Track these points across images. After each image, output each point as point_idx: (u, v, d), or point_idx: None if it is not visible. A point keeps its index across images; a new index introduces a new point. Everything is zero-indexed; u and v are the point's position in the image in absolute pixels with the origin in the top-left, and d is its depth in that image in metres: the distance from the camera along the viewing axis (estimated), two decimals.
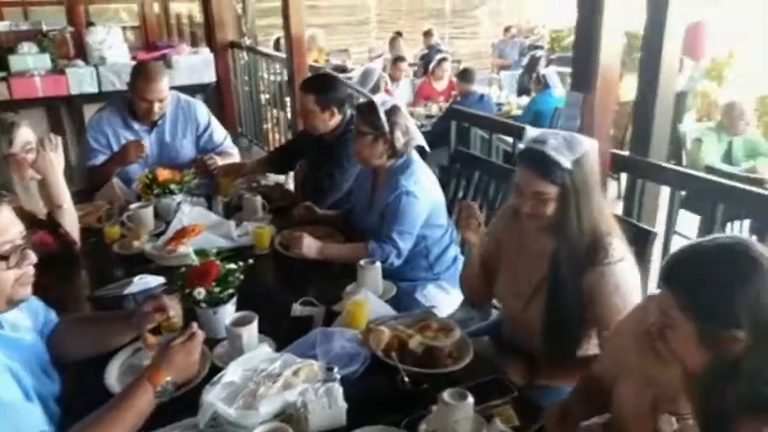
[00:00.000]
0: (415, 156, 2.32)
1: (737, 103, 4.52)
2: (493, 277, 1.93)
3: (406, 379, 1.53)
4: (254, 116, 5.89)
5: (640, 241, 1.92)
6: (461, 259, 2.41)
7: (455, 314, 2.37)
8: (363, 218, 2.39)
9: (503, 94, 6.70)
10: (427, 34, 8.56)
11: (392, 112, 2.24)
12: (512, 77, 7.52)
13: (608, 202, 1.75)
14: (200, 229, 2.03)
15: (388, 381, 1.56)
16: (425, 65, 6.97)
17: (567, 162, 1.61)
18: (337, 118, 2.66)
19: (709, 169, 3.92)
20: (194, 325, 1.48)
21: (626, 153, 2.51)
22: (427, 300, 2.35)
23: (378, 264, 1.97)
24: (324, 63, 7.50)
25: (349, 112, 2.70)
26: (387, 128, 2.21)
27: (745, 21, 8.61)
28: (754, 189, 2.10)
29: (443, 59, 6.27)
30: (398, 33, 8.82)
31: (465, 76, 5.35)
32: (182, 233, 2.03)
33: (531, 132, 1.73)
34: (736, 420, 1.06)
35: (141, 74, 2.75)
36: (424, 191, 2.24)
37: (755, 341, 1.02)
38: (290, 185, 3.56)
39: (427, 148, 2.35)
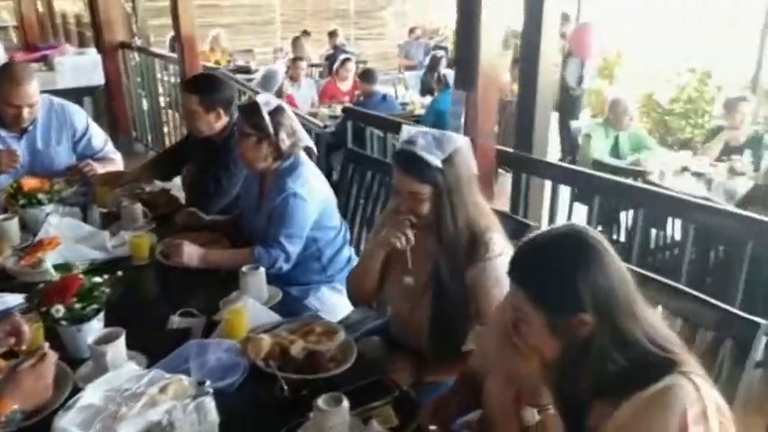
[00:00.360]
0: (303, 157, 2.27)
1: (622, 99, 4.76)
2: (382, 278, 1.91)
3: (285, 387, 1.49)
4: (151, 120, 5.63)
5: (520, 235, 1.96)
6: (356, 260, 2.38)
7: (351, 315, 2.34)
8: (251, 222, 2.32)
9: (408, 94, 6.77)
10: (332, 35, 8.53)
11: (276, 112, 2.18)
12: (417, 77, 7.62)
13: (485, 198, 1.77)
14: (57, 241, 1.89)
15: (267, 390, 1.51)
16: (330, 65, 6.92)
17: (437, 161, 1.62)
18: (224, 120, 2.57)
19: (597, 163, 4.11)
20: (45, 345, 1.37)
21: (510, 149, 2.57)
22: (321, 303, 2.31)
23: (261, 269, 1.91)
24: (226, 64, 7.30)
25: (237, 113, 2.61)
26: (271, 129, 2.16)
27: (635, 21, 9.12)
28: (623, 180, 2.23)
29: (347, 60, 6.26)
30: (306, 32, 8.72)
31: (367, 76, 5.35)
32: (37, 246, 1.88)
33: (404, 133, 1.73)
34: (591, 404, 1.10)
35: (6, 77, 2.53)
36: (312, 192, 2.20)
37: (599, 322, 1.06)
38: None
39: (314, 150, 2.31)
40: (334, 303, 2.31)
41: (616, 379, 1.06)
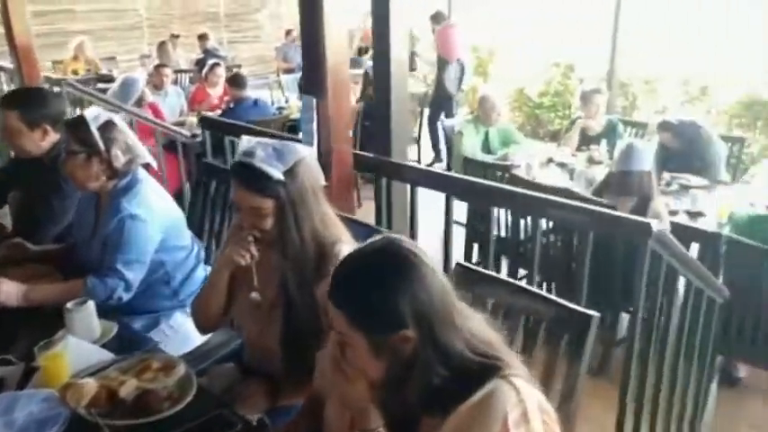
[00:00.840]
0: (143, 174, 2.10)
1: (489, 96, 4.91)
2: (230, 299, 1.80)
3: None
4: None
5: None
6: None
7: (211, 339, 2.19)
8: (87, 251, 2.11)
9: (285, 98, 6.63)
10: (202, 38, 8.16)
11: (106, 127, 2.01)
12: (294, 80, 7.48)
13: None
14: None
15: None
16: (201, 70, 6.61)
17: (278, 173, 1.54)
18: (53, 137, 2.34)
19: (467, 160, 4.19)
20: None
21: (370, 154, 2.53)
22: (175, 330, 2.17)
23: (89, 304, 1.73)
24: (85, 73, 6.79)
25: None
26: (101, 145, 1.98)
27: (506, 20, 9.46)
28: (477, 180, 2.25)
29: (216, 64, 5.99)
30: (174, 36, 8.28)
31: (236, 81, 5.14)
32: None
33: (243, 144, 1.63)
34: (420, 420, 1.07)
35: None
36: (152, 212, 2.03)
37: (421, 337, 1.03)
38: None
39: (154, 166, 2.14)
40: (189, 329, 2.14)
41: (442, 392, 1.04)
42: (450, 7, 8.53)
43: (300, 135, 2.53)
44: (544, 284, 3.96)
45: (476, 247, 4.36)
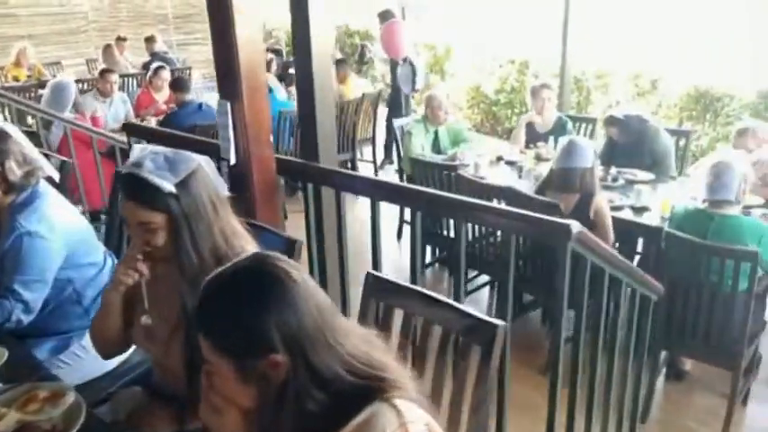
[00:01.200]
0: (44, 188, 1.99)
1: (436, 95, 4.84)
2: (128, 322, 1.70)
3: None
4: None
5: (288, 252, 1.84)
6: None
7: (132, 357, 2.09)
8: None
9: None
10: (149, 40, 7.94)
11: None
12: None
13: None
14: None
15: None
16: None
17: (169, 185, 1.45)
18: None
19: (414, 160, 4.14)
20: None
21: (293, 159, 2.45)
22: (88, 351, 2.04)
23: None
24: (26, 79, 6.56)
25: None
26: None
27: (465, 16, 9.42)
28: (401, 185, 2.17)
29: (161, 68, 5.82)
30: (121, 39, 8.04)
31: (178, 84, 5.00)
32: None
33: (134, 153, 1.53)
34: None
35: None
36: (53, 228, 1.91)
37: (293, 359, 0.96)
38: None
39: (56, 178, 2.03)
40: None
41: (319, 418, 0.97)
42: (403, 6, 8.44)
43: None
44: (496, 284, 3.96)
45: (428, 248, 4.34)
